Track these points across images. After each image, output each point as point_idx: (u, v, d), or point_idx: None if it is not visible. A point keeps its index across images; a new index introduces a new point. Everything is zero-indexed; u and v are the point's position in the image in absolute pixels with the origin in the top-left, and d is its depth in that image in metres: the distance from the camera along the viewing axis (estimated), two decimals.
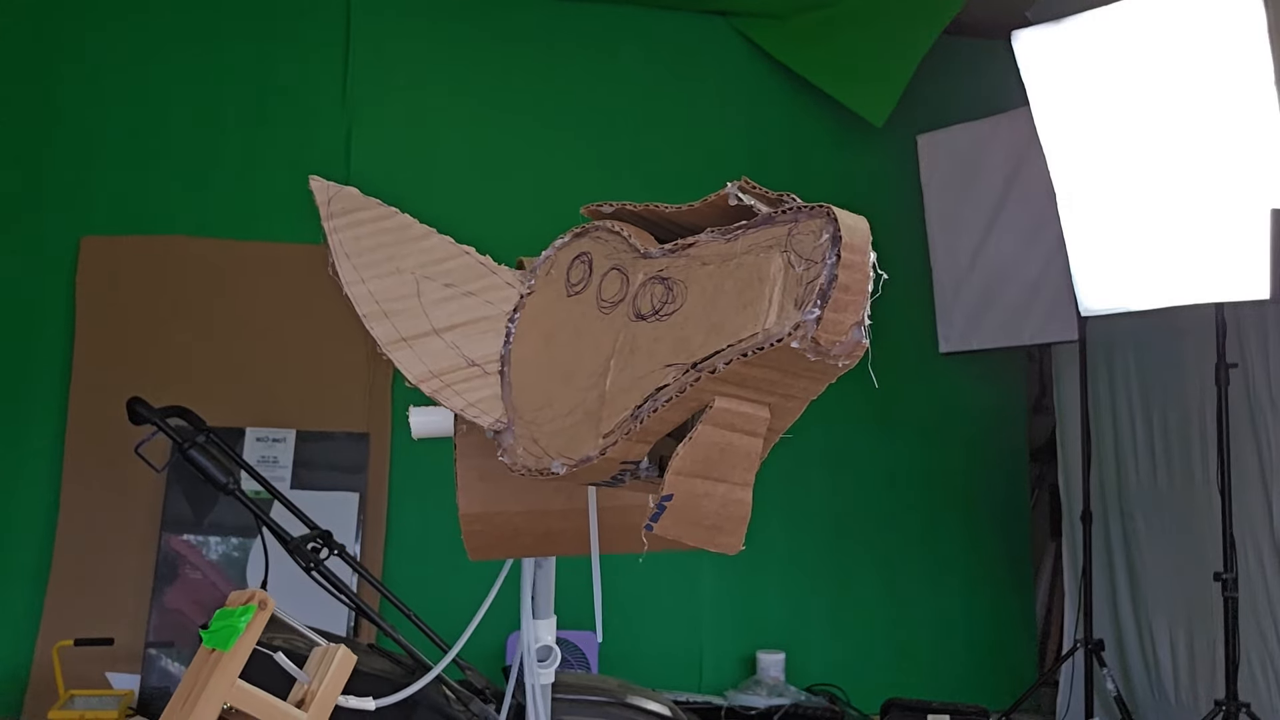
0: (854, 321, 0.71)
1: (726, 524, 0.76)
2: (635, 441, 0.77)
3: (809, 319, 0.69)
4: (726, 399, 0.74)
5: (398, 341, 0.91)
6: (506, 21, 4.31)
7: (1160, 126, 3.03)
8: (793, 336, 0.70)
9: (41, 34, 3.97)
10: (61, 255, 3.90)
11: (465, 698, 2.25)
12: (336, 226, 0.96)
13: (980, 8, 4.07)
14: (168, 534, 3.74)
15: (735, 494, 0.76)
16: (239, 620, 0.85)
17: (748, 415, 0.74)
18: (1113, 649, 3.87)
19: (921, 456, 4.48)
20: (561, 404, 0.84)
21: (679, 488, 0.74)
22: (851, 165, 4.51)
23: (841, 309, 0.70)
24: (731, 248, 0.78)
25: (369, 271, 0.94)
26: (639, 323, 0.81)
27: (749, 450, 0.75)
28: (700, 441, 0.74)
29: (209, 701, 0.83)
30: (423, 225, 0.97)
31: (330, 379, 4.00)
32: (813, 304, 0.70)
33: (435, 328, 0.92)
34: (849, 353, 0.71)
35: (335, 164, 4.10)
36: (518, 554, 1.00)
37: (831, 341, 0.70)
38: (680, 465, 0.74)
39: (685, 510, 0.75)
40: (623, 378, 0.80)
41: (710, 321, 0.75)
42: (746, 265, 0.76)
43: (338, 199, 0.97)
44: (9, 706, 3.58)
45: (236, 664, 0.85)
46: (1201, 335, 3.32)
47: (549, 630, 1.10)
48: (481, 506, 0.93)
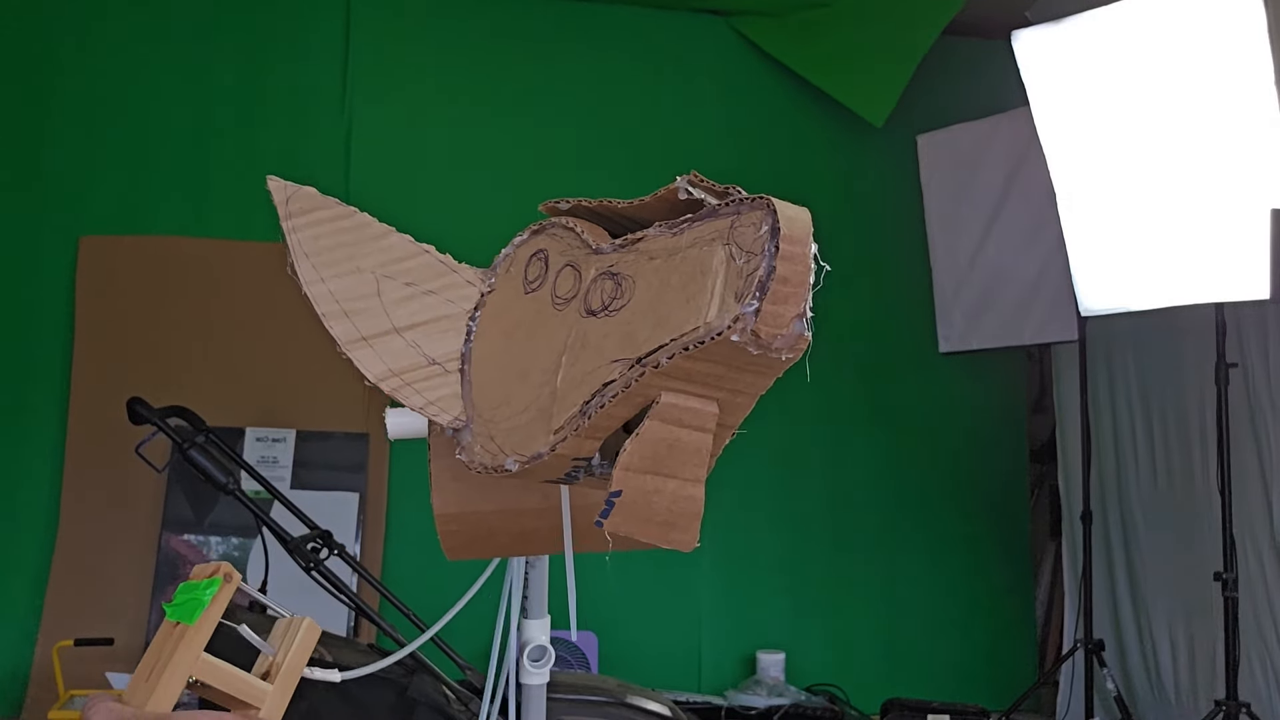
0: (794, 314, 0.71)
1: (679, 520, 0.76)
2: (584, 438, 0.78)
3: (748, 312, 0.70)
4: (673, 394, 0.74)
5: (358, 340, 0.91)
6: (505, 22, 4.31)
7: (1160, 126, 3.03)
8: (732, 330, 0.70)
9: (40, 34, 3.97)
10: (60, 255, 3.90)
11: (465, 697, 2.25)
12: (295, 226, 0.95)
13: (980, 8, 4.07)
14: (168, 534, 3.74)
15: (686, 490, 0.75)
16: (204, 593, 0.85)
17: (695, 410, 0.74)
18: (1113, 649, 3.87)
19: (921, 456, 4.48)
20: (517, 401, 0.85)
21: (627, 484, 0.74)
22: (851, 165, 4.51)
23: (781, 301, 0.70)
24: (677, 241, 0.78)
25: (328, 271, 0.93)
26: (589, 319, 0.81)
27: (698, 446, 0.75)
28: (647, 438, 0.74)
29: (174, 675, 0.83)
30: (382, 224, 0.96)
31: (330, 379, 3.98)
32: (751, 296, 0.70)
33: (396, 326, 0.92)
34: (791, 345, 0.71)
35: (335, 164, 4.10)
36: (495, 553, 1.00)
37: (772, 334, 0.70)
38: (628, 461, 0.74)
39: (635, 507, 0.75)
40: (573, 373, 0.80)
41: (656, 316, 0.76)
42: (690, 259, 0.76)
43: (295, 198, 0.96)
44: (9, 706, 3.59)
45: (202, 637, 0.85)
46: (1201, 335, 3.32)
47: (543, 630, 1.10)
48: (456, 506, 0.93)
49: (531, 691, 1.11)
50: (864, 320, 4.41)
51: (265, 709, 0.86)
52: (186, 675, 0.84)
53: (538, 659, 1.09)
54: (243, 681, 0.86)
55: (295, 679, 0.89)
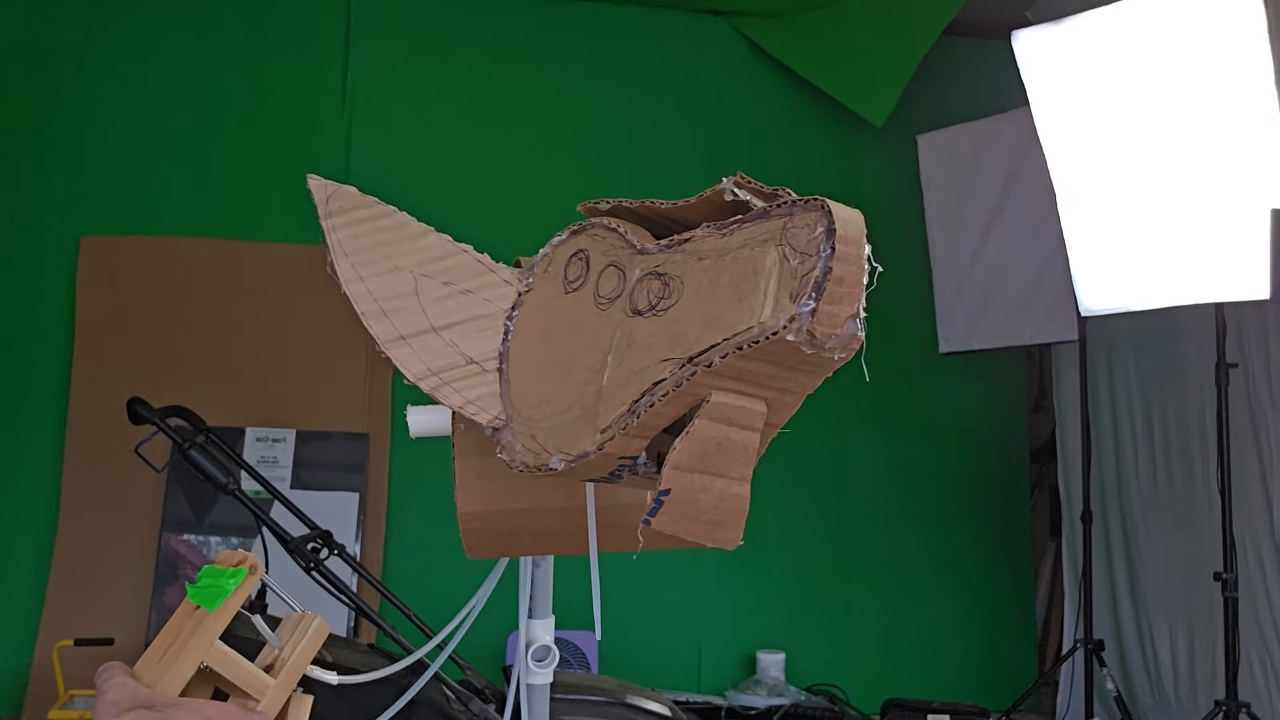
0: (849, 314, 0.71)
1: (725, 519, 0.76)
2: (633, 437, 0.77)
3: (804, 312, 0.69)
4: (723, 393, 0.74)
5: (396, 340, 0.91)
6: (506, 21, 4.31)
7: (1160, 126, 3.03)
8: (788, 330, 0.70)
9: (41, 34, 3.97)
10: (61, 255, 3.90)
11: (465, 697, 2.25)
12: (335, 225, 0.96)
13: (980, 8, 4.07)
14: (168, 534, 3.74)
15: (733, 489, 0.75)
16: (228, 581, 0.86)
17: (745, 410, 0.74)
18: (1113, 649, 3.87)
19: (921, 456, 4.48)
20: (559, 400, 0.84)
21: (676, 483, 0.74)
22: (851, 165, 4.51)
23: (836, 301, 0.70)
24: (727, 242, 0.78)
25: (367, 270, 0.94)
26: (635, 318, 0.81)
27: (746, 445, 0.75)
28: (697, 436, 0.74)
29: (188, 659, 0.84)
30: (421, 224, 0.97)
31: (330, 379, 4.00)
32: (807, 297, 0.70)
33: (433, 325, 0.92)
34: (844, 345, 0.71)
35: (335, 164, 4.10)
36: (517, 552, 1.00)
37: (827, 334, 0.70)
38: (677, 460, 0.74)
39: (683, 505, 0.75)
40: (619, 373, 0.80)
41: (706, 316, 0.75)
42: (742, 259, 0.76)
43: (335, 197, 0.96)
44: (9, 706, 3.58)
45: (220, 625, 0.86)
46: (1201, 335, 3.32)
47: (547, 630, 1.10)
48: (480, 505, 0.93)
49: (535, 692, 1.11)
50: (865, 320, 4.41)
51: (265, 703, 0.87)
52: (200, 661, 0.85)
53: (542, 659, 1.09)
54: (248, 673, 0.87)
55: (298, 676, 0.90)
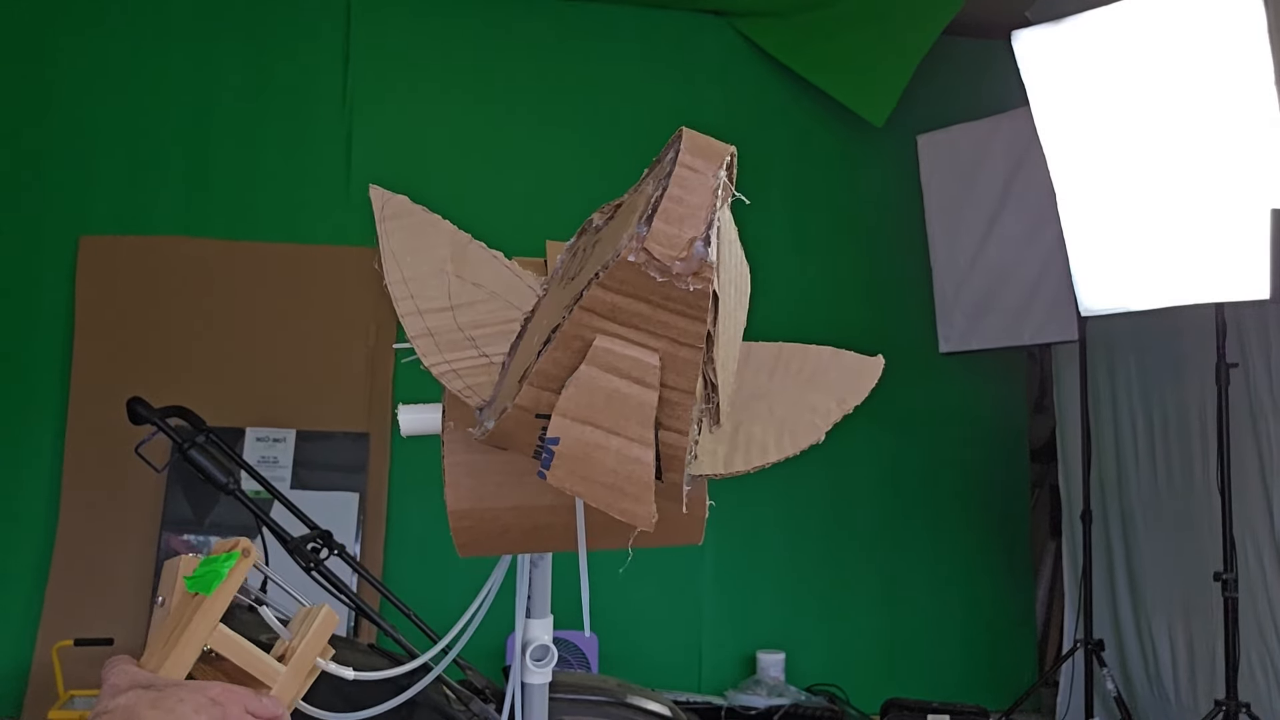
0: (691, 235, 0.69)
1: (627, 485, 0.74)
2: (538, 388, 0.78)
3: (641, 230, 0.69)
4: (608, 339, 0.73)
5: (424, 334, 0.96)
6: (506, 21, 4.31)
7: (1160, 127, 3.03)
8: (628, 249, 0.69)
9: (40, 34, 3.97)
10: (60, 255, 3.90)
11: (465, 697, 2.25)
12: (388, 229, 1.04)
13: (980, 8, 4.07)
14: (168, 534, 3.74)
15: (632, 450, 0.74)
16: (222, 566, 0.88)
17: (633, 359, 0.73)
18: (1113, 649, 3.87)
19: (921, 456, 4.48)
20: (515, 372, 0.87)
21: (565, 431, 0.74)
22: (851, 165, 4.51)
23: (674, 221, 0.69)
24: (634, 195, 0.80)
25: (409, 270, 1.00)
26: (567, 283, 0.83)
27: (641, 401, 0.73)
28: (583, 382, 0.73)
29: (189, 643, 0.85)
30: (463, 232, 1.06)
31: (330, 379, 4.00)
32: (645, 216, 0.69)
33: (459, 324, 0.97)
34: (693, 270, 0.69)
35: (335, 164, 4.11)
36: (507, 550, 1.01)
37: (668, 256, 0.69)
38: (564, 405, 0.74)
39: (577, 460, 0.74)
40: (538, 327, 0.83)
41: (597, 260, 0.76)
42: (631, 203, 0.77)
43: (390, 204, 1.06)
44: (9, 706, 3.59)
45: (219, 607, 0.87)
46: (1201, 335, 3.32)
47: (546, 630, 1.10)
48: (469, 503, 0.94)
49: (534, 691, 1.11)
50: (864, 320, 4.42)
51: (277, 688, 0.87)
52: (202, 644, 0.86)
53: (540, 659, 1.10)
54: (257, 659, 0.88)
55: (309, 663, 0.91)
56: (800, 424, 0.94)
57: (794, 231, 4.43)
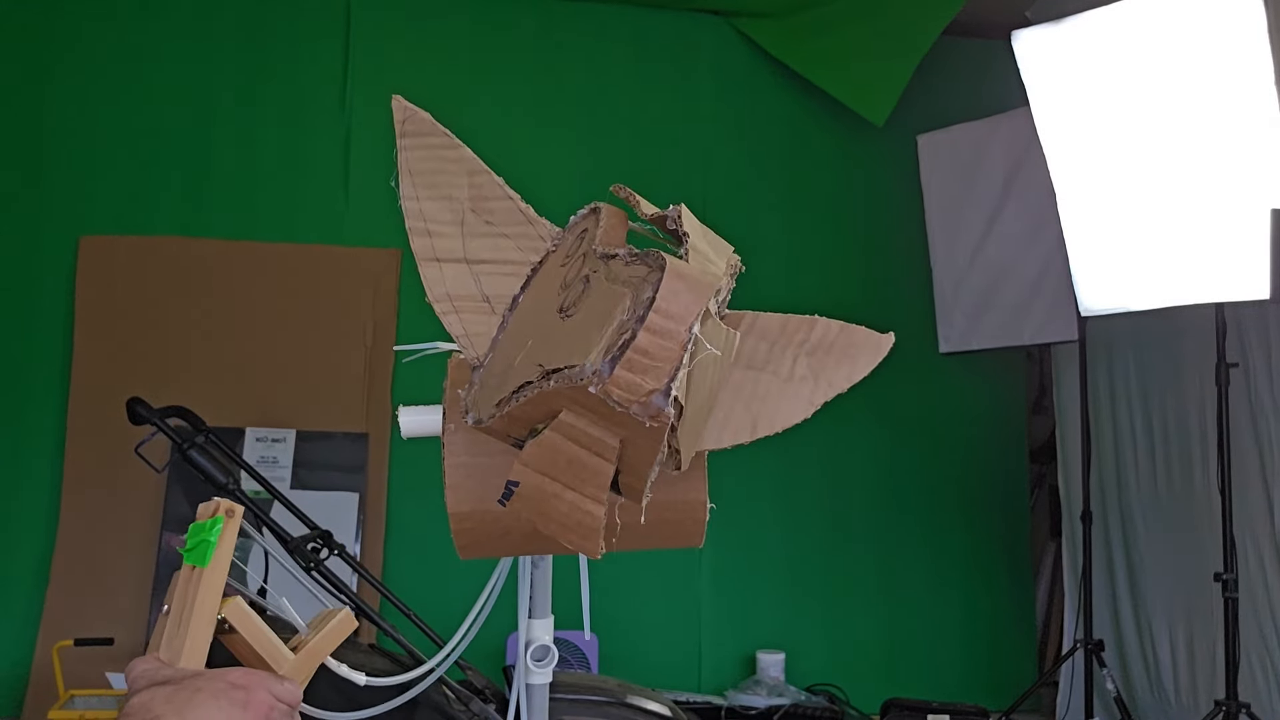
0: (653, 388, 0.69)
1: (578, 529, 0.77)
2: (509, 421, 0.80)
3: (603, 370, 0.69)
4: (573, 414, 0.74)
5: (431, 259, 0.97)
6: (506, 21, 4.31)
7: (1160, 126, 3.03)
8: (589, 381, 0.70)
9: (39, 34, 3.97)
10: (60, 255, 3.90)
11: (465, 697, 2.25)
12: (406, 145, 1.05)
13: (980, 8, 4.07)
14: (168, 534, 3.74)
15: (586, 505, 0.76)
16: (210, 533, 0.88)
17: (594, 438, 0.74)
18: (1113, 649, 3.87)
19: (921, 456, 4.48)
20: (500, 363, 0.89)
21: (525, 478, 0.76)
22: (851, 165, 4.51)
23: (638, 370, 0.69)
24: (621, 272, 0.80)
25: (424, 191, 1.00)
26: (556, 314, 0.84)
27: (598, 469, 0.75)
28: (546, 444, 0.75)
29: (202, 621, 0.85)
30: (480, 162, 1.04)
31: (330, 379, 4.00)
32: (612, 356, 0.69)
33: (466, 257, 0.97)
34: (650, 416, 0.70)
35: (334, 164, 4.11)
36: (508, 552, 1.01)
37: (626, 399, 0.69)
38: (526, 458, 0.76)
39: (534, 502, 0.77)
40: (525, 359, 0.83)
41: (574, 336, 0.77)
42: (614, 296, 0.77)
43: (411, 120, 1.07)
44: (9, 706, 3.58)
45: (219, 575, 0.87)
46: (1201, 335, 3.32)
47: (546, 630, 1.10)
48: (470, 505, 0.94)
49: (534, 691, 1.11)
50: (864, 320, 4.37)
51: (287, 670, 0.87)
52: (214, 617, 0.85)
53: (541, 659, 1.09)
54: (268, 638, 0.88)
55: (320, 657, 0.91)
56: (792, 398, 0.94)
57: (793, 231, 4.42)
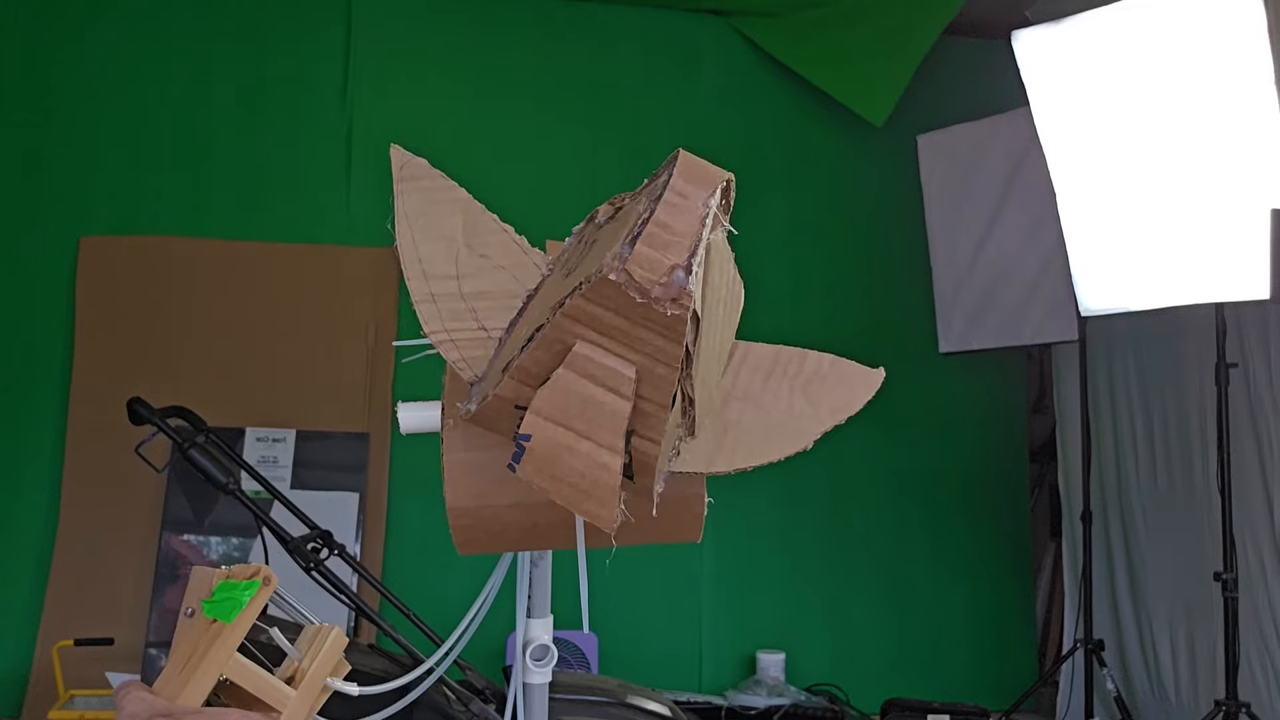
0: (674, 263, 0.69)
1: (594, 489, 0.75)
2: (518, 382, 0.78)
3: (624, 251, 0.69)
4: (587, 345, 0.73)
5: (427, 297, 0.97)
6: (506, 21, 4.31)
7: (1160, 126, 3.03)
8: (610, 268, 0.69)
9: (39, 34, 3.97)
10: (61, 255, 3.90)
11: (465, 698, 2.25)
12: (403, 190, 1.05)
13: (980, 8, 4.07)
14: (168, 534, 3.74)
15: (601, 456, 0.74)
16: (243, 594, 0.87)
17: (609, 369, 0.73)
18: (1113, 649, 3.87)
19: (921, 456, 4.48)
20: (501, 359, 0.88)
21: (536, 430, 0.74)
22: (851, 165, 4.51)
23: (658, 246, 0.69)
24: (634, 204, 0.80)
25: (420, 234, 1.01)
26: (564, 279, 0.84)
27: (614, 409, 0.74)
28: (559, 385, 0.74)
29: (207, 672, 0.85)
30: (476, 202, 1.06)
31: (330, 379, 4.00)
32: (630, 237, 0.69)
33: (462, 292, 0.98)
34: (671, 296, 0.69)
35: (335, 164, 4.11)
36: (507, 548, 1.01)
37: (648, 280, 0.68)
38: (538, 404, 0.74)
39: (547, 460, 0.75)
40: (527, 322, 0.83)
41: (584, 271, 0.76)
42: (630, 216, 0.77)
43: (408, 166, 1.08)
44: (9, 706, 3.58)
45: (237, 637, 0.87)
46: (1201, 335, 3.32)
47: (546, 629, 1.10)
48: (469, 501, 0.94)
49: (534, 691, 1.11)
50: (864, 320, 4.41)
51: (286, 713, 0.87)
52: (219, 673, 0.85)
53: (540, 658, 1.09)
54: (268, 684, 0.87)
55: (319, 687, 0.90)
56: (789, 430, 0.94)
57: (793, 231, 4.42)
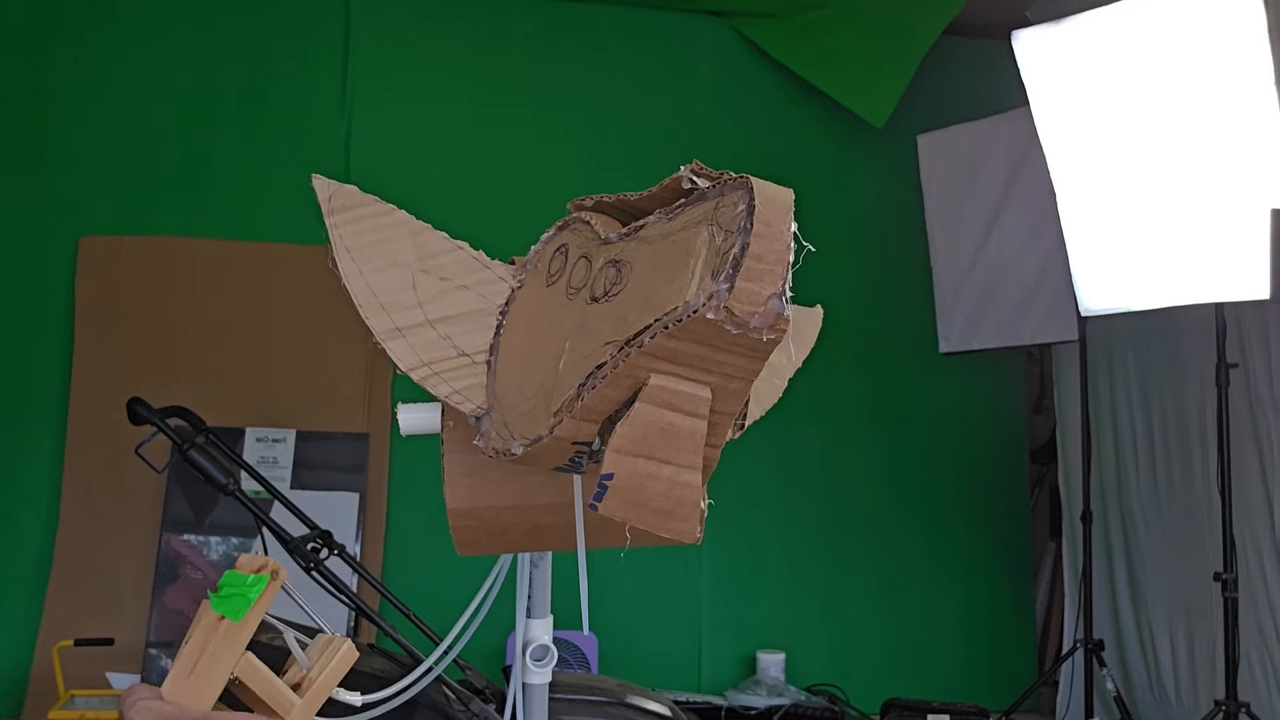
0: (771, 292, 0.70)
1: (676, 508, 0.75)
2: (580, 420, 0.78)
3: (722, 289, 0.69)
4: (663, 376, 0.73)
5: (392, 332, 0.94)
6: (506, 22, 4.31)
7: (1160, 126, 3.03)
8: (707, 307, 0.70)
9: (39, 34, 3.97)
10: (60, 255, 3.90)
11: (465, 697, 2.25)
12: (337, 222, 0.99)
13: (980, 8, 4.07)
14: (168, 534, 3.74)
15: (682, 476, 0.75)
16: (250, 590, 0.86)
17: (687, 395, 0.74)
18: (1113, 649, 3.87)
19: (921, 456, 4.48)
20: (529, 387, 0.87)
21: (619, 466, 0.74)
22: (851, 165, 4.51)
23: (755, 278, 0.70)
24: (670, 226, 0.79)
25: (367, 265, 0.96)
26: (592, 305, 0.83)
27: (692, 431, 0.74)
28: (638, 420, 0.74)
29: (217, 673, 0.84)
30: (419, 221, 1.00)
31: (330, 379, 4.00)
32: (726, 274, 0.69)
33: (429, 319, 0.95)
34: (769, 325, 0.70)
35: (335, 164, 4.10)
36: (506, 549, 1.01)
37: (747, 312, 0.70)
38: (618, 443, 0.74)
39: (630, 491, 0.75)
40: (573, 358, 0.82)
41: (644, 298, 0.76)
42: (679, 241, 0.77)
43: (338, 195, 1.00)
44: (9, 706, 3.58)
45: (245, 634, 0.86)
46: (1201, 335, 3.32)
47: (545, 630, 1.10)
48: (469, 502, 0.94)
49: (534, 691, 1.11)
50: (864, 320, 4.41)
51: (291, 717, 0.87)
52: (228, 673, 0.85)
53: (540, 659, 1.09)
54: (275, 689, 0.87)
55: (324, 698, 0.90)
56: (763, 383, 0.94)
57: None
